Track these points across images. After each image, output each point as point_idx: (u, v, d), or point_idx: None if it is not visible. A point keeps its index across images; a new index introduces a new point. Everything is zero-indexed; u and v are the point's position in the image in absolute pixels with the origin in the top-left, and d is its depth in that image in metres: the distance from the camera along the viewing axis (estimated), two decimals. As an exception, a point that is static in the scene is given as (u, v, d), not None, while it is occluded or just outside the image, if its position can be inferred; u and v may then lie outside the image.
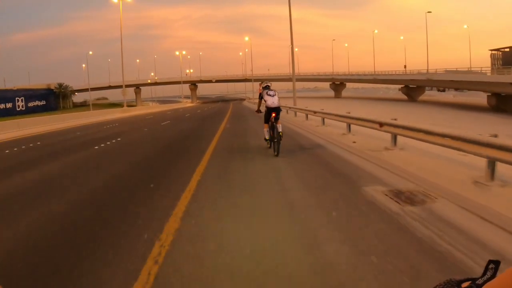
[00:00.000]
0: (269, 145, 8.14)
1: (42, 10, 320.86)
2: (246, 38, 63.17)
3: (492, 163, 4.71)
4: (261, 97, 8.28)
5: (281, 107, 8.03)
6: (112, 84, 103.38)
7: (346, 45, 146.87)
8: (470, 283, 0.55)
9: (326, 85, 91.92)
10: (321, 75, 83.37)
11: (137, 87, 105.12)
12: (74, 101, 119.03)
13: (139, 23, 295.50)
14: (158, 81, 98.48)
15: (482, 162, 4.92)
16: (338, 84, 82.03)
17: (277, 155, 7.34)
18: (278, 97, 7.92)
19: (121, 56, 38.95)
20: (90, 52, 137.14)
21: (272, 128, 7.70)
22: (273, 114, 7.72)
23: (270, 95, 7.88)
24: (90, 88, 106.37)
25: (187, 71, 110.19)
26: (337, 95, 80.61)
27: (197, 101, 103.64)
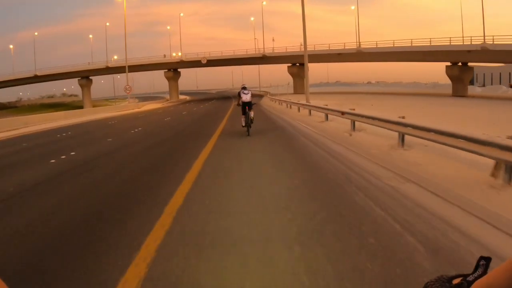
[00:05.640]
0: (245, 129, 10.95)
1: (50, 8, 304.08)
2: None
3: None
4: (239, 94, 11.14)
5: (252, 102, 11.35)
6: (39, 74, 62.16)
7: None
8: (461, 280, 0.56)
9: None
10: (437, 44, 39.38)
11: (84, 77, 63.90)
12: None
13: (147, 19, 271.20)
14: (110, 65, 57.01)
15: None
16: (462, 68, 39.28)
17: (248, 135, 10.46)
18: (251, 95, 11.12)
19: None
20: (36, 33, 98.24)
21: (247, 116, 10.59)
22: (247, 107, 10.73)
23: (244, 93, 10.94)
24: (10, 80, 66.02)
25: (174, 54, 67.86)
26: (460, 90, 38.24)
27: (179, 98, 62.18)
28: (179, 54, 63.87)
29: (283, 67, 55.45)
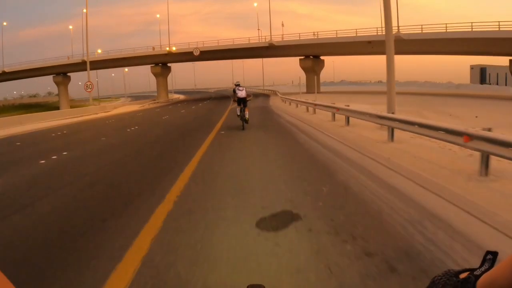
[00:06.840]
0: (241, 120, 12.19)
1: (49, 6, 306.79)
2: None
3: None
4: (234, 91, 12.18)
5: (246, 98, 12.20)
6: (7, 70, 53.07)
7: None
8: (468, 274, 0.56)
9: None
10: None
11: (60, 74, 54.80)
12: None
13: (148, 18, 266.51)
14: (91, 59, 47.28)
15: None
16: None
17: (243, 129, 11.58)
18: (246, 92, 12.09)
19: None
20: (4, 23, 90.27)
21: (243, 113, 11.67)
22: (242, 104, 11.80)
23: (239, 90, 11.93)
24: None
25: (167, 49, 57.79)
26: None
27: (171, 98, 52.87)
28: (174, 49, 53.98)
29: (287, 64, 46.14)
